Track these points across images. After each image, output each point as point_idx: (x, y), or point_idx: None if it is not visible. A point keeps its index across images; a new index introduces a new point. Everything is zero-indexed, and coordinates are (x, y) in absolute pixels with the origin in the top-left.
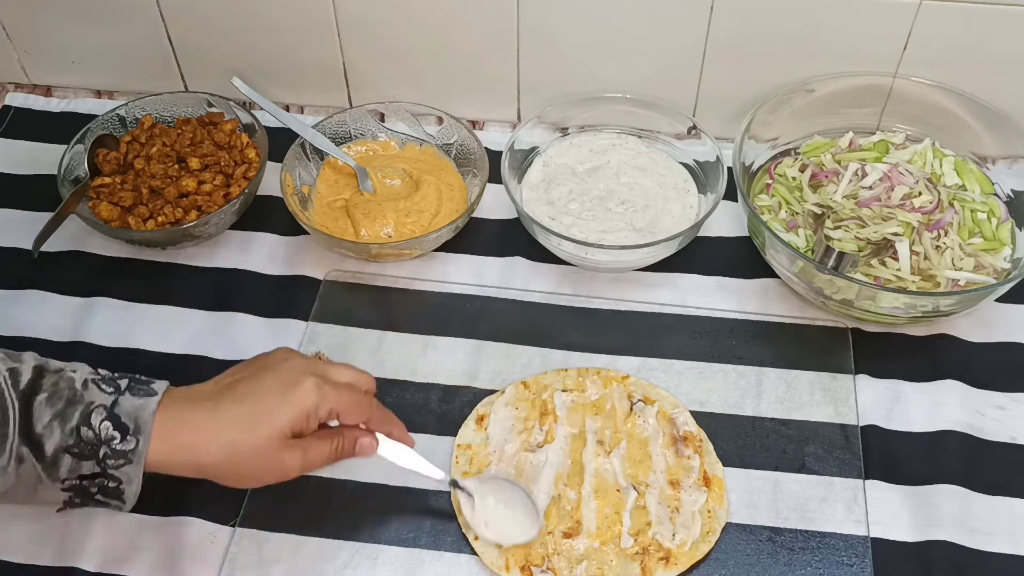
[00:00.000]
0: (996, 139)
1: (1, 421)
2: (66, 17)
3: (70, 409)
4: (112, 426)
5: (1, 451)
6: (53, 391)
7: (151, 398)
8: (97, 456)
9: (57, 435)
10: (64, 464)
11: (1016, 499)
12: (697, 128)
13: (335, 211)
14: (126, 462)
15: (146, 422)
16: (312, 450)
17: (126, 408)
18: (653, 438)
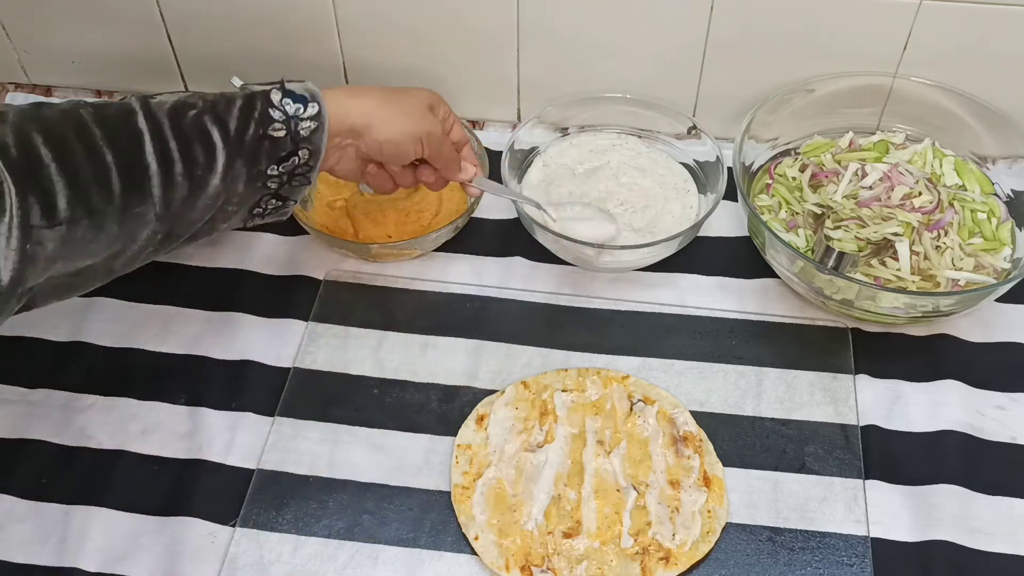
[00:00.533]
0: (996, 139)
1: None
2: (66, 17)
3: (251, 102)
4: (293, 101)
5: (212, 164)
6: (227, 98)
7: (306, 81)
8: (290, 129)
9: (251, 126)
10: (264, 151)
11: (1016, 499)
12: (697, 128)
13: (335, 211)
14: (317, 125)
15: (316, 90)
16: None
17: (295, 87)
18: (653, 438)
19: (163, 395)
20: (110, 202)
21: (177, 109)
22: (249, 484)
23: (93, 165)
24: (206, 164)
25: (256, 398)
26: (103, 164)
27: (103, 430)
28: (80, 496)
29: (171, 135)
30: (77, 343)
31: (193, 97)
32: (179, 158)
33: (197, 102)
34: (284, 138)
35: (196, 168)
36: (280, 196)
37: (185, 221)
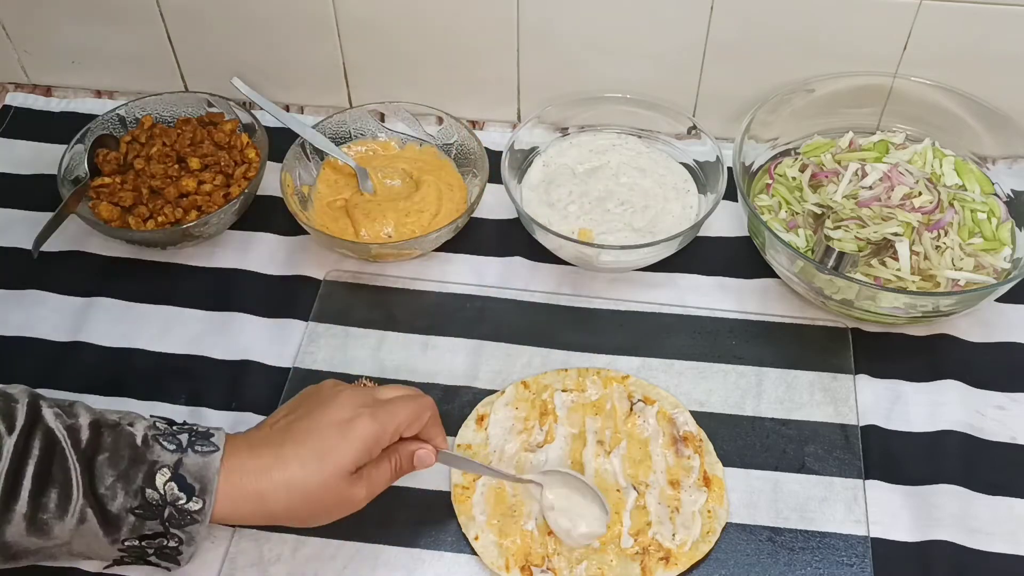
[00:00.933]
0: (996, 139)
1: (64, 482)
2: (66, 17)
3: (133, 470)
4: (178, 487)
5: (64, 512)
6: (114, 450)
7: (214, 454)
8: (162, 516)
9: (120, 496)
10: (126, 524)
11: (1016, 499)
12: (697, 128)
13: (335, 211)
14: (192, 522)
15: (211, 480)
16: (374, 478)
17: (190, 467)
18: (653, 438)
19: (163, 395)
20: None
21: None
22: None
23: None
24: (56, 512)
25: (256, 398)
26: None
27: None
28: None
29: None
30: (77, 343)
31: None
32: (27, 497)
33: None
34: (152, 521)
35: (42, 512)
36: (148, 562)
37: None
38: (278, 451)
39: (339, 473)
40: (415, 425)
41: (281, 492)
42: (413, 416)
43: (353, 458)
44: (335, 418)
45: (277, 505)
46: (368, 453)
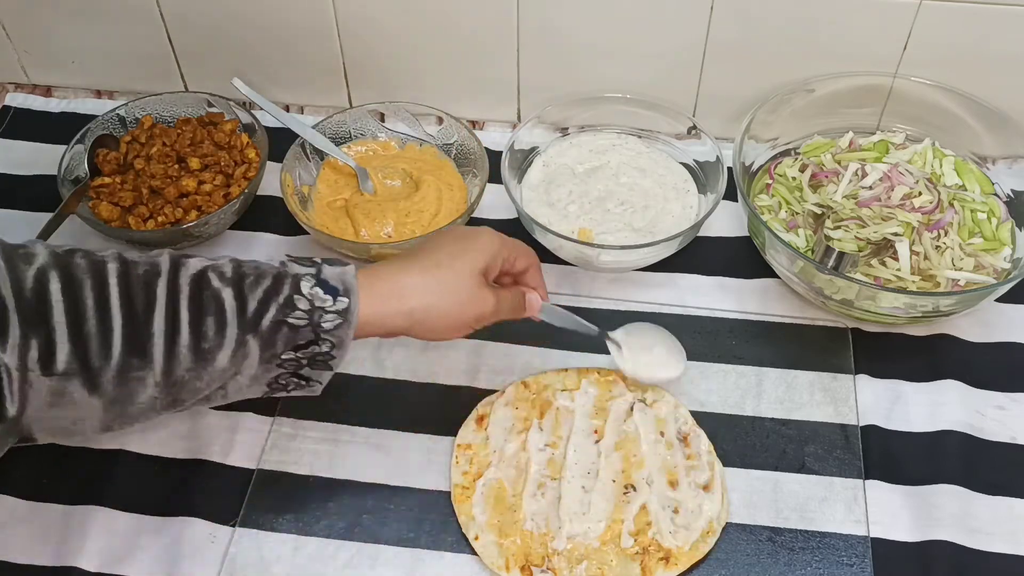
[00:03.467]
0: (996, 139)
1: (218, 309)
2: (66, 17)
3: (278, 284)
4: (322, 291)
5: (223, 336)
6: (257, 274)
7: (349, 266)
8: (312, 320)
9: (272, 309)
10: (281, 337)
11: (1016, 499)
12: (697, 128)
13: (335, 211)
14: (341, 321)
15: (352, 283)
16: (500, 294)
17: (330, 274)
18: (653, 438)
19: None
20: (108, 363)
21: (202, 277)
22: (249, 484)
23: (99, 322)
24: (215, 339)
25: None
26: (108, 325)
27: None
28: (80, 496)
29: (185, 305)
30: None
31: (228, 265)
32: (186, 329)
33: (226, 271)
34: (304, 328)
35: (203, 341)
36: (301, 376)
37: (190, 390)
38: (413, 257)
39: (471, 270)
40: (526, 259)
41: (418, 285)
42: (523, 251)
43: (482, 260)
44: (460, 233)
45: (414, 299)
46: (493, 260)
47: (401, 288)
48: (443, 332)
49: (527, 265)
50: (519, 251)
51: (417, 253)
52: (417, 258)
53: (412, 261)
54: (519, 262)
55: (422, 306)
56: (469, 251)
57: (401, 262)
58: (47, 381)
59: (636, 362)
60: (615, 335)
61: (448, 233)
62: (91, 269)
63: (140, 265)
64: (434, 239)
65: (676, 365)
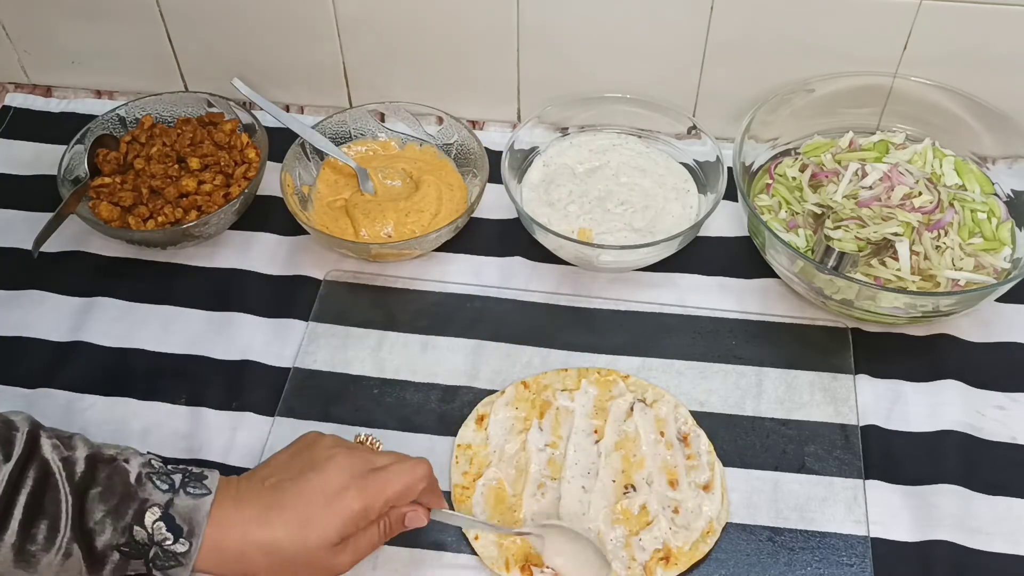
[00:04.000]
0: (996, 139)
1: (54, 515)
2: (66, 17)
3: (123, 506)
4: (165, 527)
5: (51, 545)
6: (107, 485)
7: (206, 498)
8: (147, 556)
9: (108, 532)
10: (111, 562)
11: (1016, 499)
12: (697, 128)
13: (335, 211)
14: (176, 564)
15: (200, 524)
16: (360, 544)
17: (180, 509)
18: (653, 438)
19: (163, 395)
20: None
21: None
22: None
23: None
24: (44, 544)
25: (256, 398)
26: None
27: (103, 430)
28: None
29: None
30: (77, 343)
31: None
32: (17, 527)
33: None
34: (136, 560)
35: (30, 543)
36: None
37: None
38: (264, 512)
39: (322, 544)
40: (407, 496)
41: (262, 554)
42: (405, 488)
43: (337, 531)
44: (324, 487)
45: (257, 566)
46: (354, 526)
47: (244, 552)
48: None
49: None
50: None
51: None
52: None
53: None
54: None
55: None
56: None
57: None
58: None
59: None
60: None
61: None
62: None
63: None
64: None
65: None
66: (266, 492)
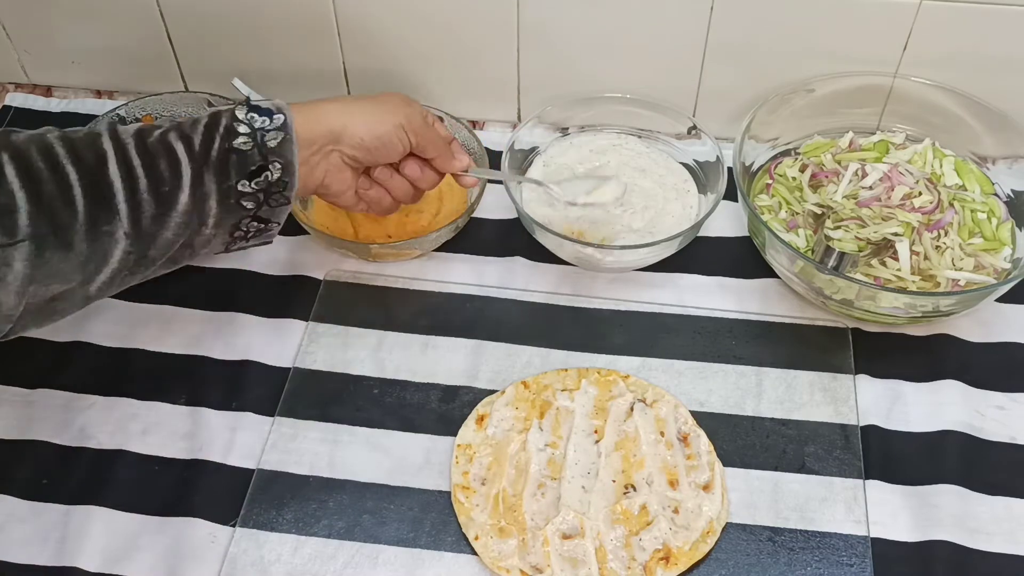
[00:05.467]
0: (996, 139)
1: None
2: (66, 17)
3: (215, 120)
4: (258, 114)
5: (178, 176)
6: (192, 118)
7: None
8: (257, 141)
9: (217, 140)
10: (232, 164)
11: (1016, 499)
12: (697, 128)
13: (335, 211)
14: (284, 136)
15: (283, 104)
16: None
17: (262, 102)
18: (653, 438)
19: (163, 395)
20: (75, 218)
21: (142, 130)
22: (249, 484)
23: (56, 182)
24: (172, 180)
25: (256, 398)
26: (66, 182)
27: (103, 430)
28: (80, 496)
29: (135, 153)
30: (77, 343)
31: (161, 120)
32: (143, 175)
33: (164, 123)
34: (251, 151)
35: (162, 184)
36: (260, 218)
37: (159, 241)
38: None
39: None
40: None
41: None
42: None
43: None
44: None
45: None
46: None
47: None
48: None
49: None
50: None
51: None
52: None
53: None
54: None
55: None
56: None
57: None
58: (17, 250)
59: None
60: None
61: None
62: (33, 140)
63: (79, 131)
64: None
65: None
66: None
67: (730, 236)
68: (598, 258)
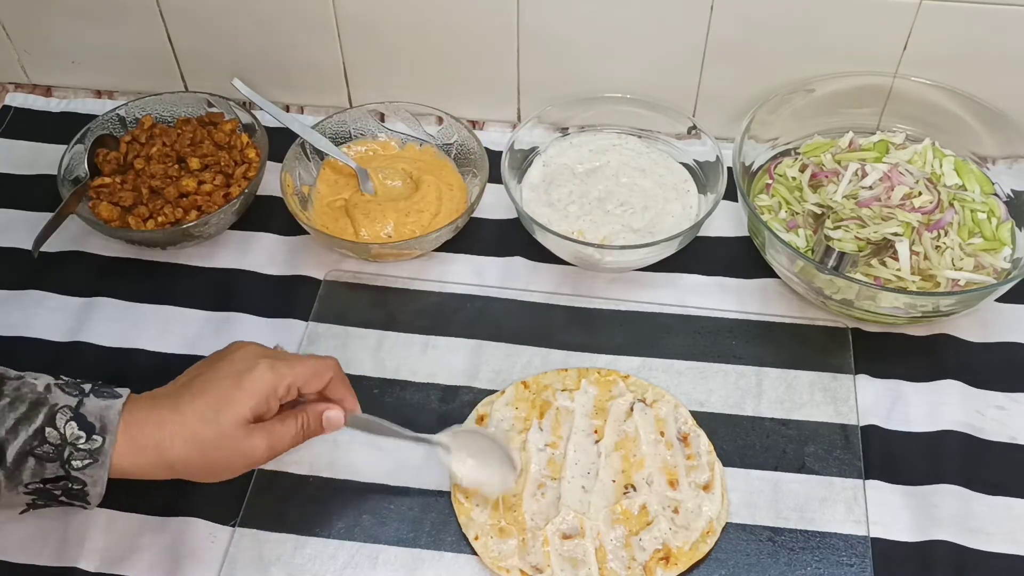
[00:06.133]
0: (996, 139)
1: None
2: (66, 17)
3: (34, 412)
4: (78, 426)
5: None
6: (16, 396)
7: (116, 400)
8: (62, 457)
9: (21, 438)
10: (27, 468)
11: (1016, 499)
12: (697, 128)
13: (335, 211)
14: (92, 462)
15: (111, 421)
16: (276, 431)
17: (91, 408)
18: (653, 438)
19: None
20: None
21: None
22: (249, 484)
23: None
24: None
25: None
26: None
27: None
28: None
29: None
30: (77, 343)
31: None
32: None
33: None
34: (52, 464)
35: None
36: (60, 502)
37: None
38: (177, 403)
39: (235, 423)
40: (315, 382)
41: (178, 442)
42: (312, 372)
43: (249, 407)
44: (233, 369)
45: (174, 455)
46: (265, 402)
47: (160, 443)
48: (211, 479)
49: (321, 386)
50: (306, 376)
51: (183, 393)
52: (180, 403)
53: (173, 409)
54: (309, 386)
55: (182, 461)
56: (234, 399)
57: (164, 406)
58: None
59: (465, 466)
60: (440, 439)
61: (220, 366)
62: None
63: None
64: (205, 372)
65: (506, 475)
66: (178, 387)
67: (730, 236)
68: (598, 258)
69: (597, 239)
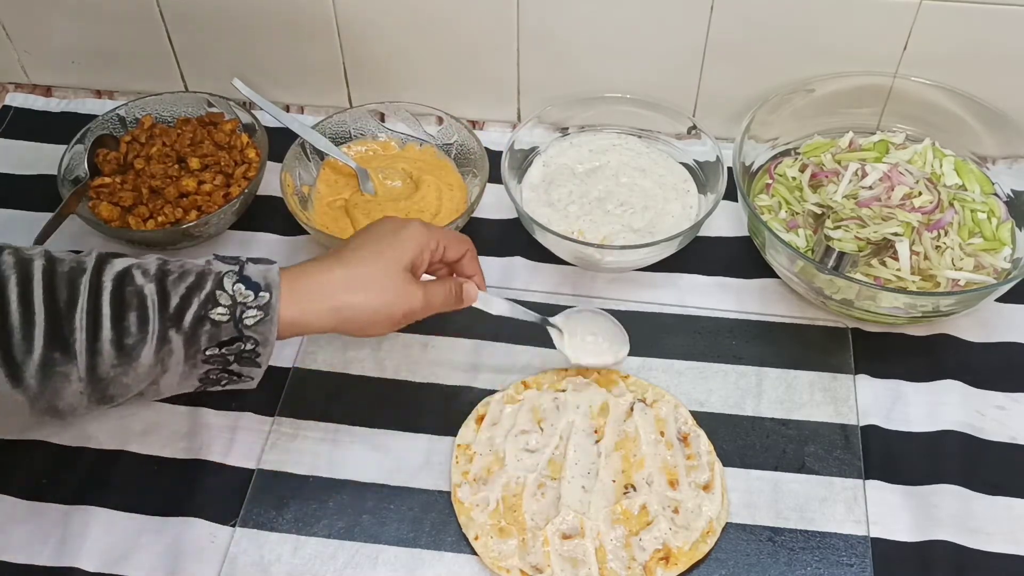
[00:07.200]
0: (996, 139)
1: (140, 304)
2: (66, 17)
3: (201, 280)
4: (244, 287)
5: (144, 332)
6: (182, 270)
7: (273, 265)
8: (235, 316)
9: (195, 305)
10: (204, 333)
11: (1016, 499)
12: (697, 128)
13: (335, 211)
14: (263, 316)
15: (275, 279)
16: (431, 287)
17: (253, 272)
18: (653, 438)
19: None
20: (29, 354)
21: (125, 274)
22: (249, 484)
23: (22, 316)
24: (138, 335)
25: (256, 398)
26: (31, 319)
27: (103, 430)
28: (80, 496)
29: (108, 300)
30: None
31: (153, 263)
32: (110, 325)
33: (150, 268)
34: (227, 323)
35: (126, 337)
36: (230, 372)
37: (118, 386)
38: (338, 255)
39: (396, 264)
40: (457, 246)
41: (343, 282)
42: (456, 238)
43: (408, 254)
44: (389, 226)
45: (341, 299)
46: (420, 253)
47: (325, 285)
48: (370, 329)
49: (460, 253)
50: (450, 240)
51: (343, 249)
52: (342, 255)
53: (337, 259)
54: (451, 251)
55: (347, 304)
56: (395, 245)
57: (327, 260)
58: None
59: (578, 348)
60: (556, 321)
61: (376, 226)
62: (17, 266)
63: (66, 263)
64: (363, 233)
65: (619, 350)
66: (335, 250)
67: (730, 236)
68: (598, 258)
69: (597, 239)
